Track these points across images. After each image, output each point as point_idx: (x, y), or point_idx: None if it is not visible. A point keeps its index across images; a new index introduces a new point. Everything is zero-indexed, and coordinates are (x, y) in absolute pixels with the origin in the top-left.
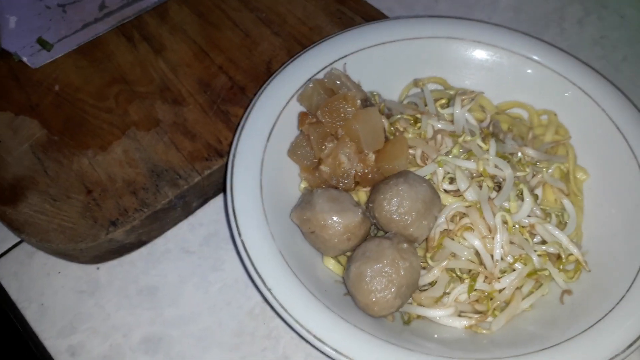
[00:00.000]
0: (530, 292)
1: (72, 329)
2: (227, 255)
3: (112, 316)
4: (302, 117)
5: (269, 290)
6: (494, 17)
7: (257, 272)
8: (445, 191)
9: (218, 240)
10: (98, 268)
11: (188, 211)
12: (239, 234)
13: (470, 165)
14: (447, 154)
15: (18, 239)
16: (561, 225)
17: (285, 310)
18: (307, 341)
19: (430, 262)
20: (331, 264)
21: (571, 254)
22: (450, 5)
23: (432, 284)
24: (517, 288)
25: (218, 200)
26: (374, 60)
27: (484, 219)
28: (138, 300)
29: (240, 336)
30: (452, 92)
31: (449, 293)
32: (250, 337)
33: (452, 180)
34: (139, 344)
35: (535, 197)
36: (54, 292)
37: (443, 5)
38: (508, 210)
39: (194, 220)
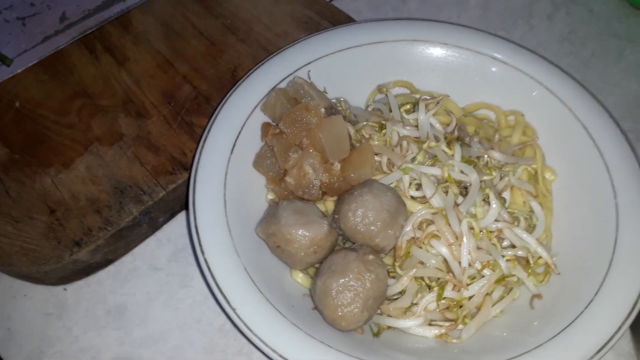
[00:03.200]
0: (501, 297)
1: (39, 354)
2: (196, 270)
3: (80, 339)
4: (265, 127)
5: (234, 310)
6: (463, 15)
7: (221, 292)
8: (412, 198)
9: (186, 255)
10: (65, 289)
11: (155, 227)
12: (202, 252)
13: (435, 171)
14: (413, 160)
15: None
16: (530, 228)
17: (250, 330)
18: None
19: (399, 271)
20: (299, 277)
21: (540, 257)
22: (418, 5)
23: (402, 293)
24: (487, 294)
25: (185, 214)
26: (339, 66)
27: (450, 226)
28: (106, 321)
29: (211, 354)
30: (418, 96)
31: (417, 303)
32: (222, 354)
33: (418, 187)
34: None
35: (503, 200)
36: (21, 316)
37: (412, 6)
38: (474, 216)
39: (161, 236)
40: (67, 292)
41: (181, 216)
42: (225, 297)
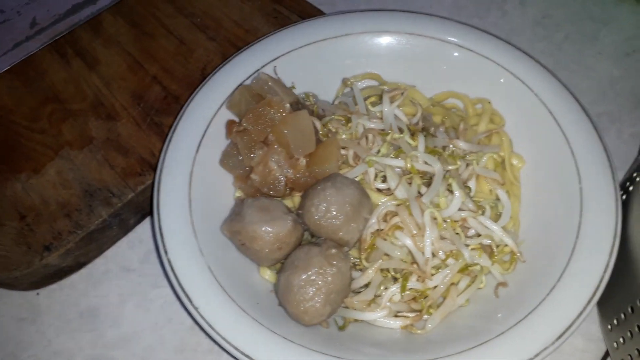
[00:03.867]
0: (468, 287)
1: (14, 358)
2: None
3: (54, 342)
4: (229, 125)
5: (196, 309)
6: (436, 4)
7: (184, 292)
8: (378, 190)
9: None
10: (38, 294)
11: (126, 228)
12: (165, 253)
13: (399, 163)
14: (377, 153)
15: None
16: (496, 216)
17: (213, 329)
18: (235, 358)
19: (365, 263)
20: (267, 274)
21: (506, 246)
22: None
23: (367, 285)
24: (453, 284)
25: None
26: (306, 60)
27: (413, 217)
28: (79, 324)
29: (182, 352)
30: (385, 88)
31: (380, 295)
32: (193, 353)
33: (384, 179)
34: None
35: (468, 189)
36: None
37: None
38: (438, 206)
39: (133, 237)
40: (40, 297)
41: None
42: (188, 297)
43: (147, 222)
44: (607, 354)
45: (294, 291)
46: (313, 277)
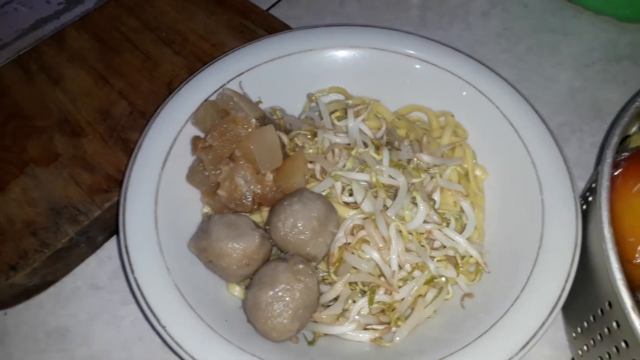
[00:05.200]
0: (435, 297)
1: None
2: None
3: None
4: (194, 141)
5: (163, 327)
6: (402, 17)
7: (150, 310)
8: (345, 203)
9: None
10: (5, 314)
11: (94, 246)
12: (132, 271)
13: (364, 177)
14: (343, 167)
15: None
16: (461, 227)
17: (181, 347)
18: None
19: (334, 277)
20: (236, 290)
21: (471, 257)
22: (358, 9)
23: (336, 299)
24: (420, 296)
25: None
26: (272, 75)
27: (379, 230)
28: (47, 344)
29: None
30: (349, 102)
31: (349, 309)
32: None
33: (351, 192)
34: None
35: (432, 202)
36: None
37: (350, 9)
38: (403, 219)
39: (102, 254)
40: (6, 317)
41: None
42: (155, 316)
43: (115, 239)
44: None
45: (262, 308)
46: (280, 294)
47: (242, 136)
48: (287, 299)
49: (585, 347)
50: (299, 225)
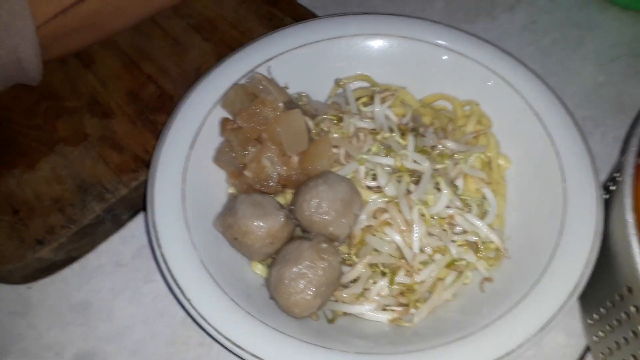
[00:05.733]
0: (455, 281)
1: (3, 352)
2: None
3: (44, 335)
4: (223, 123)
5: (189, 300)
6: (428, 8)
7: (176, 284)
8: (368, 188)
9: (150, 251)
10: (30, 288)
11: (119, 224)
12: (159, 246)
13: (389, 161)
14: (368, 151)
15: None
16: (482, 214)
17: (205, 320)
18: (226, 348)
19: (354, 258)
20: (259, 268)
21: (492, 242)
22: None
23: (356, 280)
24: (440, 279)
25: None
26: (300, 61)
27: (402, 213)
28: (71, 318)
29: (174, 345)
30: (376, 89)
31: (369, 289)
32: (184, 346)
33: (374, 177)
34: None
35: (455, 188)
36: None
37: (376, 1)
38: (426, 203)
39: (125, 233)
40: (31, 291)
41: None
42: (180, 289)
43: (140, 218)
44: (587, 348)
45: (285, 284)
46: (304, 271)
47: (270, 119)
48: (310, 275)
49: (601, 333)
50: (324, 205)
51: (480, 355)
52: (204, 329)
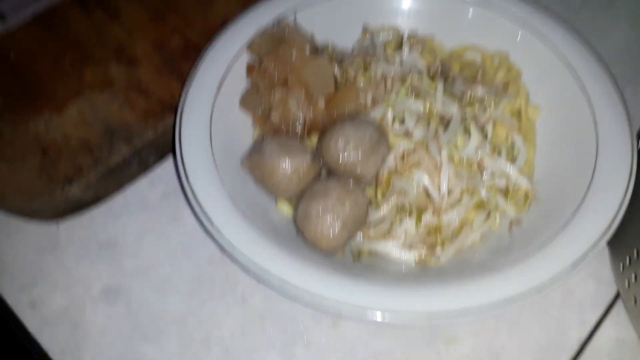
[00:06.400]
0: (483, 224)
1: (32, 285)
2: (186, 208)
3: (73, 271)
4: (250, 66)
5: (217, 229)
6: None
7: (204, 214)
8: (396, 133)
9: (177, 195)
10: (58, 226)
11: (145, 167)
12: (187, 179)
13: (418, 105)
14: (396, 95)
15: None
16: (512, 160)
17: (233, 247)
18: (256, 274)
19: (380, 200)
20: (284, 207)
21: (520, 187)
22: None
23: (382, 221)
24: (467, 222)
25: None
26: (326, 11)
27: (430, 155)
28: (98, 255)
29: (199, 282)
30: (403, 35)
31: (395, 228)
32: (210, 283)
33: (401, 122)
34: (100, 295)
35: (485, 133)
36: (14, 251)
37: None
38: (455, 146)
39: (152, 176)
40: (59, 229)
41: (171, 157)
42: (209, 219)
43: (165, 162)
44: (617, 295)
45: (313, 217)
46: (331, 205)
47: (297, 62)
48: (338, 210)
49: (633, 278)
50: (351, 145)
51: (509, 287)
52: (233, 258)
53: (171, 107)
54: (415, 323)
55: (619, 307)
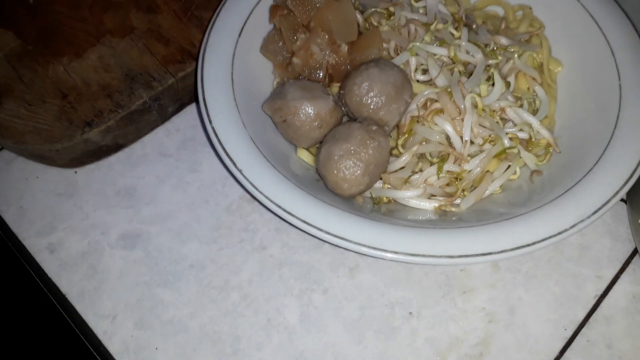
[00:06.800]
0: (503, 173)
1: (50, 229)
2: (205, 158)
3: (91, 216)
4: (273, 9)
5: (240, 171)
6: None
7: (227, 155)
8: (418, 82)
9: (195, 144)
10: (76, 172)
11: (164, 116)
12: (210, 121)
13: (442, 51)
14: (421, 41)
15: None
16: (534, 112)
17: (256, 188)
18: (278, 215)
19: (401, 148)
20: (304, 155)
21: (541, 138)
22: None
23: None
24: (488, 171)
25: (194, 107)
26: None
27: (454, 101)
28: (116, 201)
29: (218, 230)
30: None
31: (416, 176)
32: (228, 231)
33: (424, 72)
34: (117, 240)
35: (507, 83)
36: (33, 196)
37: None
38: (478, 95)
39: (170, 126)
40: (77, 175)
41: (190, 109)
42: (231, 159)
43: (184, 112)
44: (635, 251)
45: (335, 160)
46: (353, 148)
47: (321, 6)
48: (360, 153)
49: None
50: (375, 89)
51: (529, 233)
52: (252, 195)
53: (191, 55)
54: (435, 264)
55: (635, 263)
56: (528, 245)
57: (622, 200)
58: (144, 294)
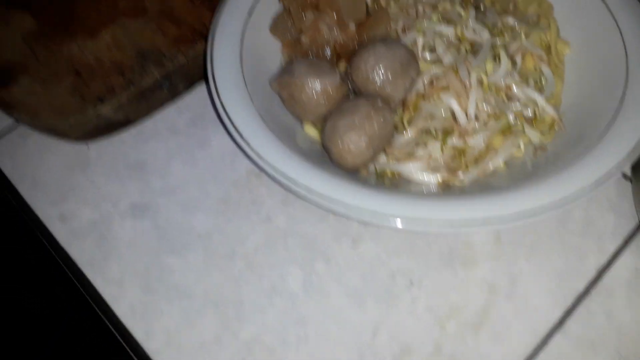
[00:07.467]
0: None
1: (62, 200)
2: (214, 134)
3: (102, 188)
4: None
5: (247, 143)
6: None
7: (235, 128)
8: (425, 61)
9: (205, 122)
10: (88, 147)
11: (175, 94)
12: (218, 96)
13: (449, 30)
14: (428, 20)
15: (12, 124)
16: (540, 90)
17: (262, 159)
18: (282, 185)
19: (406, 125)
20: (311, 129)
21: (546, 115)
22: None
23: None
24: (492, 148)
25: (204, 86)
26: None
27: (459, 78)
28: (127, 174)
29: (226, 203)
30: None
31: (419, 150)
32: (236, 204)
33: (431, 51)
34: (127, 211)
35: (514, 62)
36: (46, 169)
37: None
38: (485, 72)
39: (181, 104)
40: (89, 149)
41: (200, 88)
42: (239, 132)
43: (195, 91)
44: (638, 227)
45: (340, 132)
46: (359, 121)
47: None
48: (365, 126)
49: None
50: (382, 65)
51: (533, 200)
52: (257, 165)
53: (201, 34)
54: (436, 230)
55: (639, 239)
56: (530, 212)
57: (627, 178)
58: (152, 262)
